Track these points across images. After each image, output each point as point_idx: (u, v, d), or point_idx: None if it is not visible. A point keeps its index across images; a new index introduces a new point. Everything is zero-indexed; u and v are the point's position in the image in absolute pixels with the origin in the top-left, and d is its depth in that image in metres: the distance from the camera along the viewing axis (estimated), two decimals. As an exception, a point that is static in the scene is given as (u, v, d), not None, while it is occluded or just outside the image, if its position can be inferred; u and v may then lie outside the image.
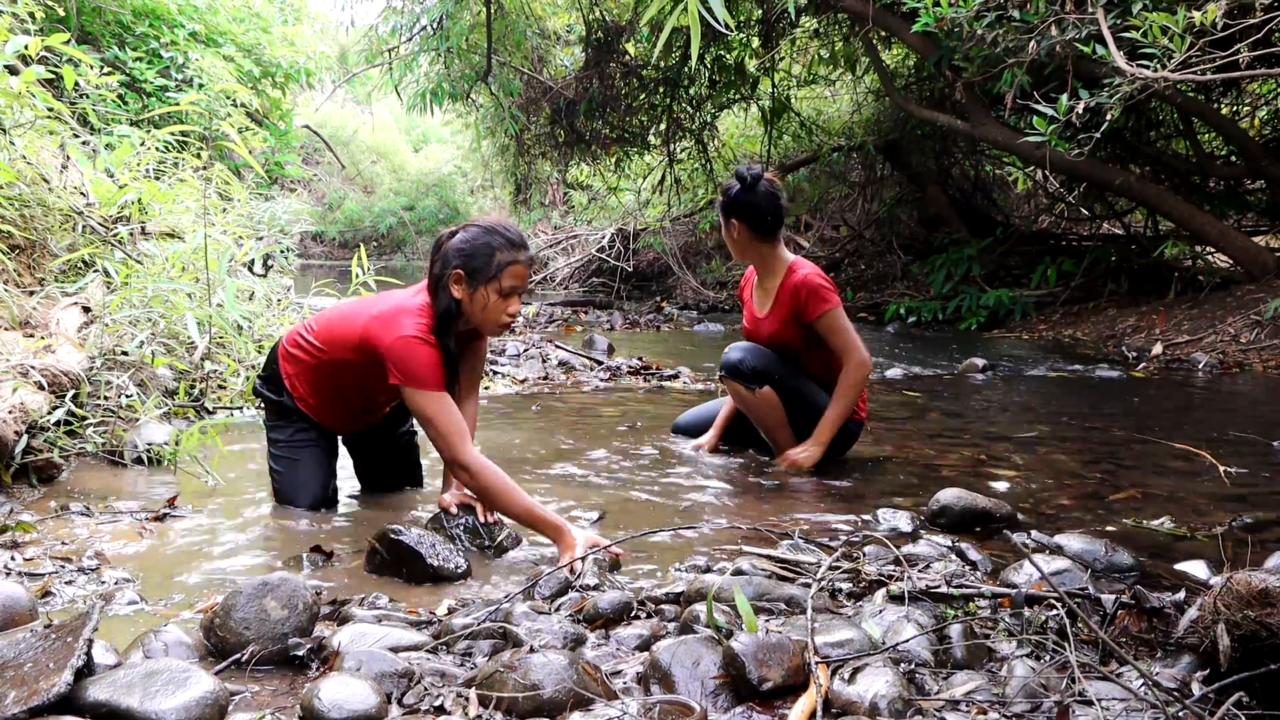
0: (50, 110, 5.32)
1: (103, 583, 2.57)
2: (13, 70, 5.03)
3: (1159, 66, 5.62)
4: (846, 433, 4.10)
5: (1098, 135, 6.18)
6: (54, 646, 1.75)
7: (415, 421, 3.45)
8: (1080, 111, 5.97)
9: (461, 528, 2.98)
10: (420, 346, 2.98)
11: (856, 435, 4.19)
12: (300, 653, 2.04)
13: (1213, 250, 9.51)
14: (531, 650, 1.90)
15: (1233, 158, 10.18)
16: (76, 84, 5.94)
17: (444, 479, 3.33)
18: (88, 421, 3.79)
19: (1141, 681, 1.76)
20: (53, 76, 5.41)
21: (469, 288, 3.04)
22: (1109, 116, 6.01)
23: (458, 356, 3.13)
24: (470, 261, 3.03)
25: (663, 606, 2.40)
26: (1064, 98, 5.99)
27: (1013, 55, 7.25)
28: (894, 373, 7.01)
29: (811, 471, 3.95)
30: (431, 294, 3.09)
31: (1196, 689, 1.80)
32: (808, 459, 3.98)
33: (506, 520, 3.06)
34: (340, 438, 3.59)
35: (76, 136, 6.11)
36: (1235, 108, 10.49)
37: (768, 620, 2.20)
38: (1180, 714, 1.59)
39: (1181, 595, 2.28)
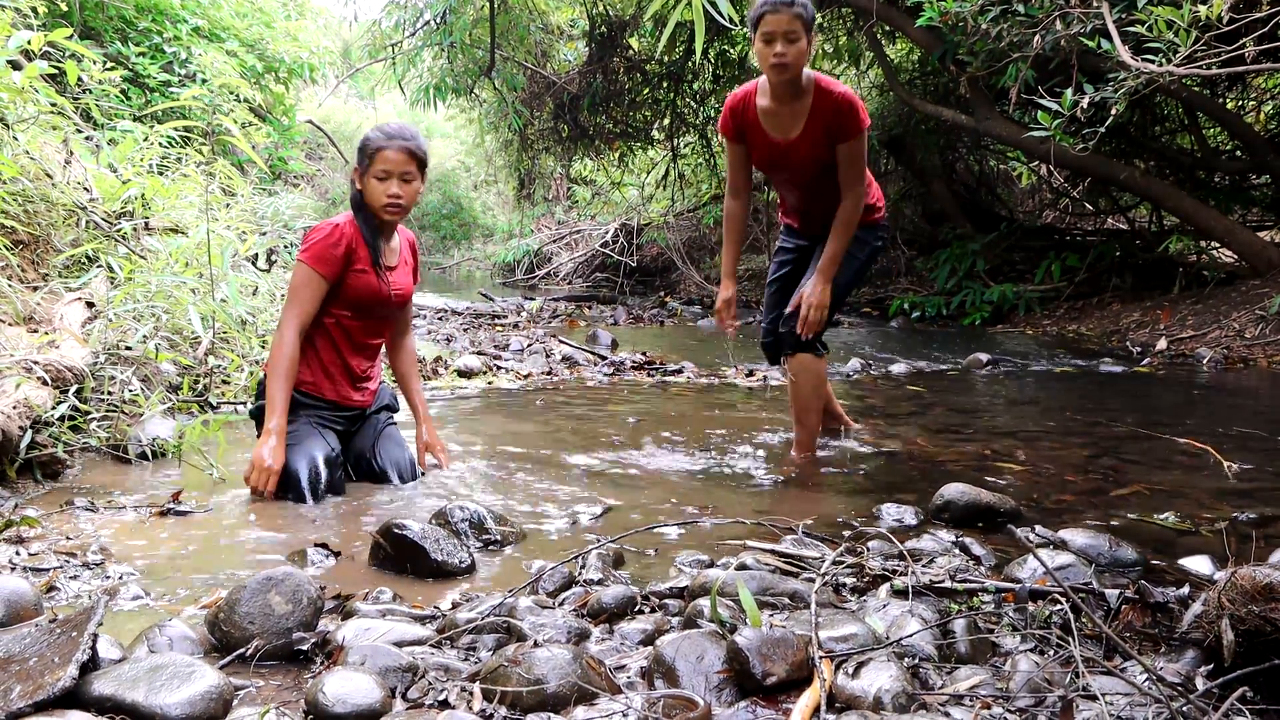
0: (53, 105, 5.32)
1: (107, 578, 2.57)
2: (15, 65, 5.03)
3: (1164, 61, 5.61)
4: (871, 249, 4.14)
5: (1102, 130, 6.17)
6: (59, 641, 1.76)
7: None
8: (1085, 106, 5.96)
9: (466, 523, 2.98)
10: (320, 227, 3.60)
11: (882, 248, 4.28)
12: (305, 647, 2.04)
13: (1218, 245, 9.50)
14: (536, 645, 1.91)
15: (1238, 152, 10.17)
16: (79, 79, 5.93)
17: (416, 427, 3.91)
18: (92, 417, 3.79)
19: (1145, 676, 1.76)
20: (56, 72, 5.41)
21: (360, 176, 3.60)
22: (1114, 111, 6.00)
23: (375, 244, 3.63)
24: (358, 155, 3.63)
25: (666, 601, 2.40)
26: (1069, 92, 5.98)
27: (1017, 50, 7.24)
28: (898, 368, 7.00)
29: (813, 467, 3.95)
30: (351, 186, 3.69)
31: (1200, 684, 1.79)
32: (820, 296, 3.94)
33: (512, 516, 3.09)
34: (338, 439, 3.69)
35: (80, 132, 6.11)
36: (1241, 102, 10.48)
37: (772, 615, 2.20)
38: (1184, 709, 1.59)
39: (1186, 590, 2.28)
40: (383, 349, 3.95)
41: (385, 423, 3.85)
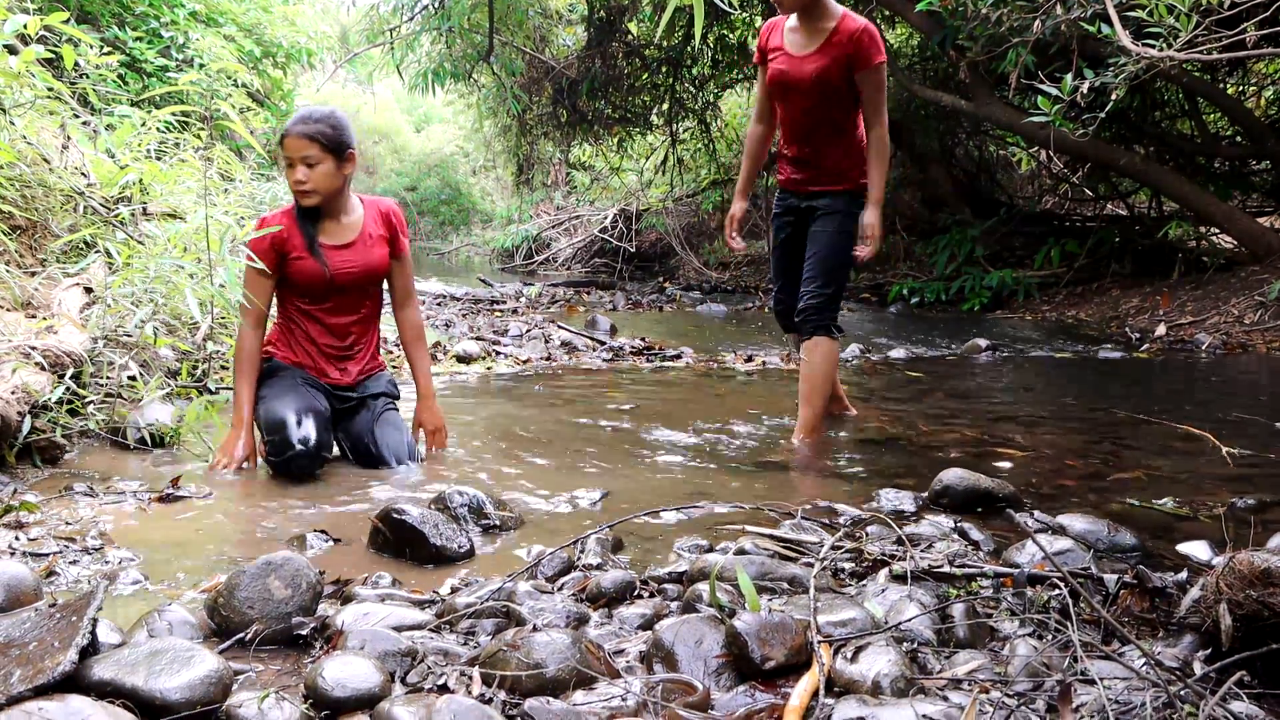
0: (50, 90, 5.29)
1: (107, 562, 2.58)
2: (12, 50, 5.00)
3: (1165, 46, 5.60)
4: (856, 218, 4.23)
5: (1102, 115, 6.15)
6: (58, 626, 1.76)
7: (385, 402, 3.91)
8: (1085, 91, 5.94)
9: (465, 507, 2.99)
10: (260, 222, 3.71)
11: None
12: (304, 632, 2.04)
13: (1217, 231, 9.48)
14: (535, 629, 1.91)
15: (1238, 138, 10.15)
16: (76, 64, 5.90)
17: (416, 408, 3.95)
18: (90, 402, 3.79)
19: (1144, 661, 1.76)
20: (52, 56, 5.38)
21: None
22: (1114, 96, 5.98)
23: (307, 229, 3.68)
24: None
25: (665, 586, 2.40)
26: (1069, 77, 5.96)
27: (1017, 34, 7.22)
28: (897, 353, 7.00)
29: (816, 452, 3.95)
30: None
31: (1198, 668, 1.80)
32: (877, 225, 4.18)
33: (511, 501, 3.09)
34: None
35: (77, 117, 6.09)
36: (1241, 88, 10.46)
37: (770, 599, 2.20)
38: (1182, 693, 1.60)
39: (1184, 575, 2.28)
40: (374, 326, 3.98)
41: (384, 408, 3.85)
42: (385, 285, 3.95)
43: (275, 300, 3.80)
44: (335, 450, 3.81)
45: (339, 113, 3.71)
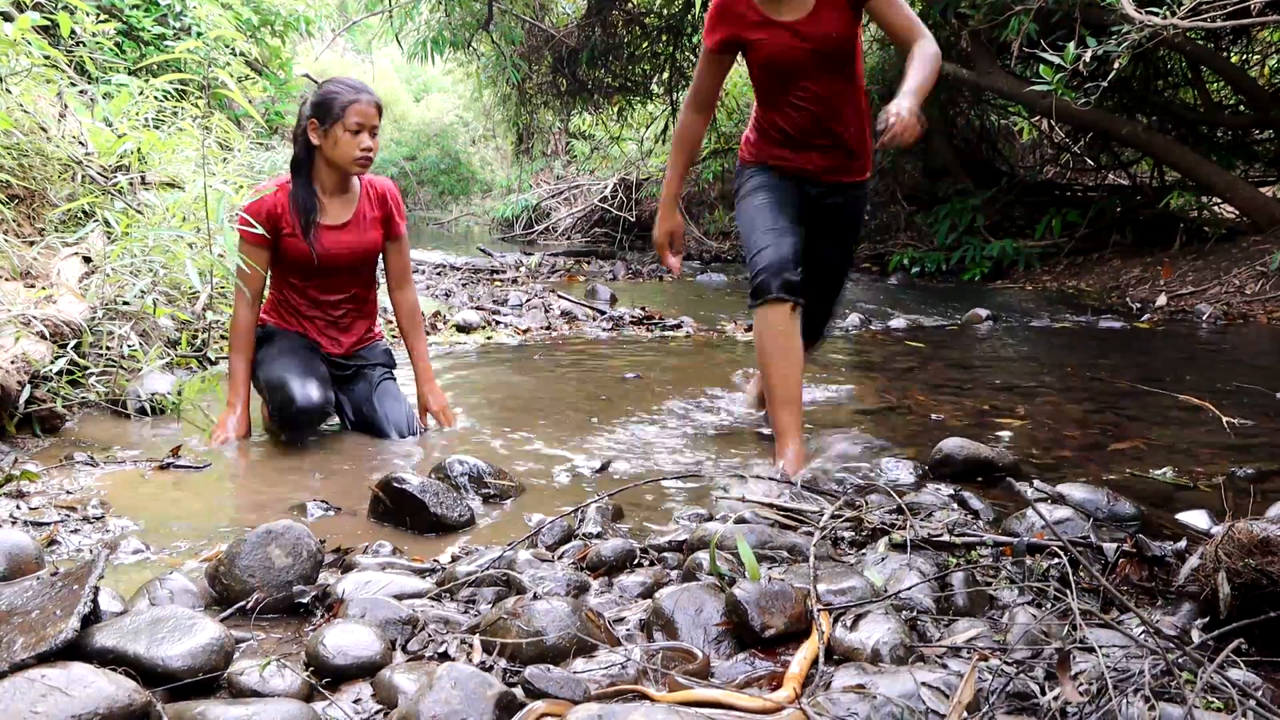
0: (46, 58, 5.26)
1: (108, 531, 2.58)
2: (7, 17, 4.98)
3: (1168, 13, 5.55)
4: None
5: (1105, 84, 6.11)
6: (60, 594, 1.76)
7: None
8: (1087, 60, 5.90)
9: (466, 476, 2.99)
10: (254, 198, 3.66)
11: None
12: (305, 600, 2.05)
13: (1219, 201, 9.45)
14: (535, 597, 1.91)
15: (1241, 107, 10.08)
16: (73, 31, 5.87)
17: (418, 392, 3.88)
18: (90, 372, 3.79)
19: (1142, 629, 1.76)
20: (48, 24, 5.35)
21: (322, 129, 3.55)
22: (1116, 65, 5.94)
23: (311, 202, 3.64)
24: (319, 109, 3.56)
25: (665, 554, 2.41)
26: (1071, 46, 5.92)
27: (1020, 2, 7.16)
28: (897, 323, 6.99)
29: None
30: (294, 144, 3.68)
31: (1196, 636, 1.80)
32: (911, 110, 2.97)
33: (511, 470, 3.10)
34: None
35: (74, 85, 6.06)
36: (1245, 56, 10.38)
37: (770, 568, 2.21)
38: (1180, 661, 1.60)
39: (1183, 544, 2.28)
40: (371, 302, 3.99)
41: (382, 377, 3.86)
42: (381, 263, 3.94)
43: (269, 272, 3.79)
44: (335, 419, 3.82)
45: None
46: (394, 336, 5.02)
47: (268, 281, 3.77)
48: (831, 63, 3.27)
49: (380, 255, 3.87)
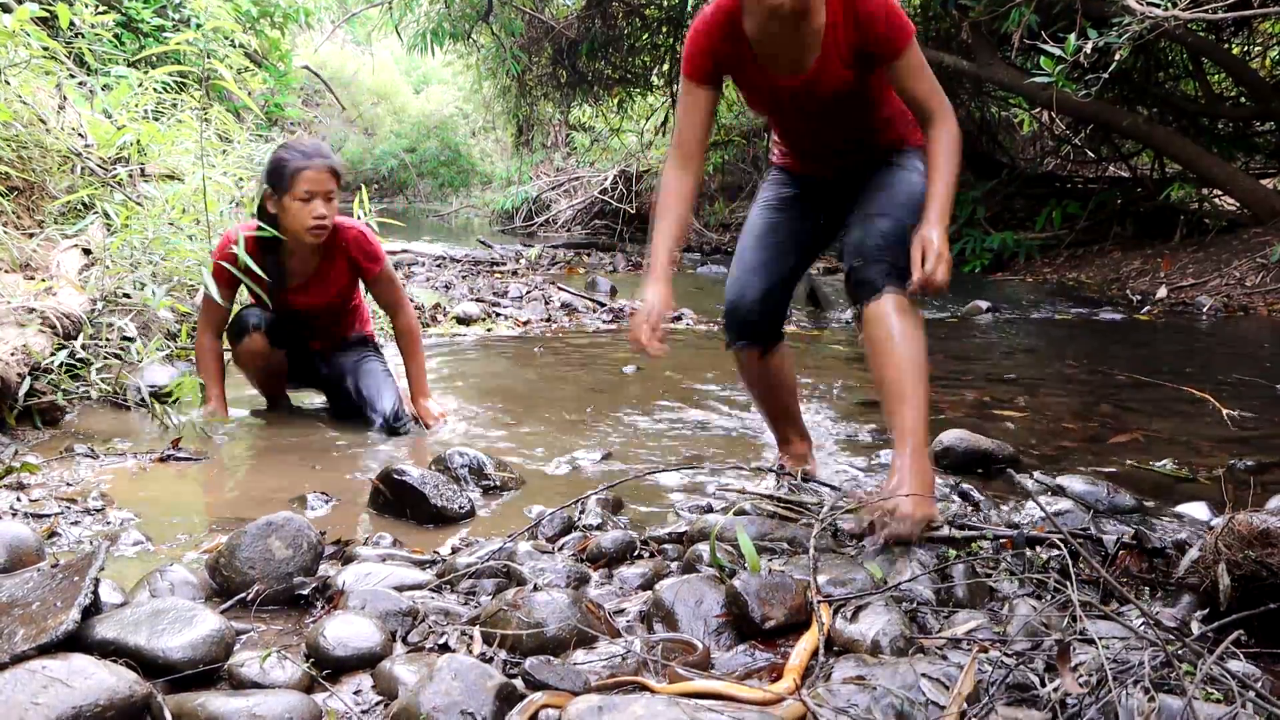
0: (45, 50, 5.25)
1: (108, 523, 2.58)
2: (6, 8, 4.97)
3: (1169, 5, 5.54)
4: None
5: (1105, 76, 6.10)
6: (61, 586, 1.76)
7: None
8: (1088, 51, 5.88)
9: (466, 468, 2.99)
10: (224, 241, 3.64)
11: None
12: (305, 592, 2.05)
13: (1219, 193, 9.43)
14: (535, 589, 1.92)
15: (1242, 99, 10.07)
16: (72, 23, 5.85)
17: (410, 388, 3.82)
18: (91, 364, 3.79)
19: (1142, 620, 1.77)
20: (47, 15, 5.34)
21: (275, 198, 3.51)
22: (1117, 57, 5.93)
23: (280, 269, 3.63)
24: (271, 176, 3.51)
25: (665, 546, 2.41)
26: (1072, 37, 5.90)
27: (1021, -7, 7.14)
28: (897, 316, 6.98)
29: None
30: (258, 214, 3.63)
31: (1196, 628, 1.80)
32: (942, 255, 2.44)
33: (511, 462, 3.10)
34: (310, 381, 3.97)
35: (73, 77, 6.04)
36: (1246, 48, 10.36)
37: (770, 560, 2.21)
38: (1180, 652, 1.60)
39: (1183, 536, 2.29)
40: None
41: (363, 355, 3.87)
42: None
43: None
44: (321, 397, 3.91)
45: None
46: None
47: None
48: (843, 109, 2.69)
49: (354, 292, 3.89)
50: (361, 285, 3.88)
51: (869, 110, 2.75)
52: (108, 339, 3.96)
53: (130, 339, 4.00)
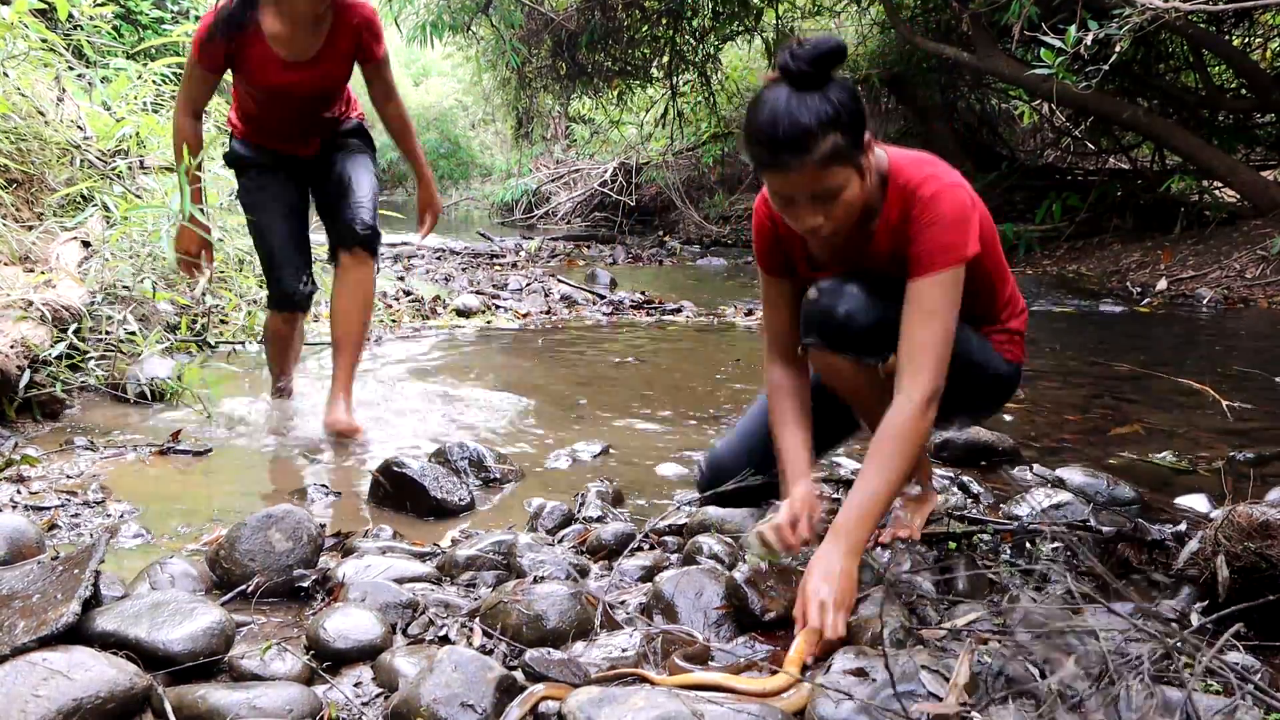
0: (44, 42, 5.24)
1: (108, 516, 2.58)
2: (4, 0, 4.96)
3: (1170, -4, 5.53)
4: (1000, 386, 2.37)
5: (1106, 68, 6.08)
6: (61, 578, 1.76)
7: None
8: (1089, 43, 5.87)
9: (466, 460, 2.99)
10: (207, 15, 3.22)
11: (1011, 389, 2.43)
12: (305, 584, 2.05)
13: (1220, 185, 9.42)
14: (535, 581, 1.92)
15: (1242, 91, 10.05)
16: (70, 15, 5.85)
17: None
18: (90, 356, 3.78)
19: (1141, 612, 1.77)
20: (45, 7, 5.33)
21: None
22: (1118, 48, 5.91)
23: (240, 21, 3.17)
24: None
25: (665, 538, 2.41)
26: (1072, 29, 5.89)
27: (1021, -15, 7.12)
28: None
29: None
30: None
31: (1195, 620, 1.81)
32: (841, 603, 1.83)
33: (511, 454, 3.10)
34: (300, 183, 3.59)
35: (71, 69, 6.03)
36: (1247, 39, 10.34)
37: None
38: (1179, 644, 1.60)
39: (1182, 528, 2.29)
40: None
41: (359, 149, 3.59)
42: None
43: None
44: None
45: None
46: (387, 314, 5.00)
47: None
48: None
49: (346, 80, 3.51)
50: None
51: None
52: (107, 331, 3.95)
53: (131, 332, 4.00)
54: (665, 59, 13.05)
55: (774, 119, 1.87)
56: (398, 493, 2.73)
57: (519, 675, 1.63)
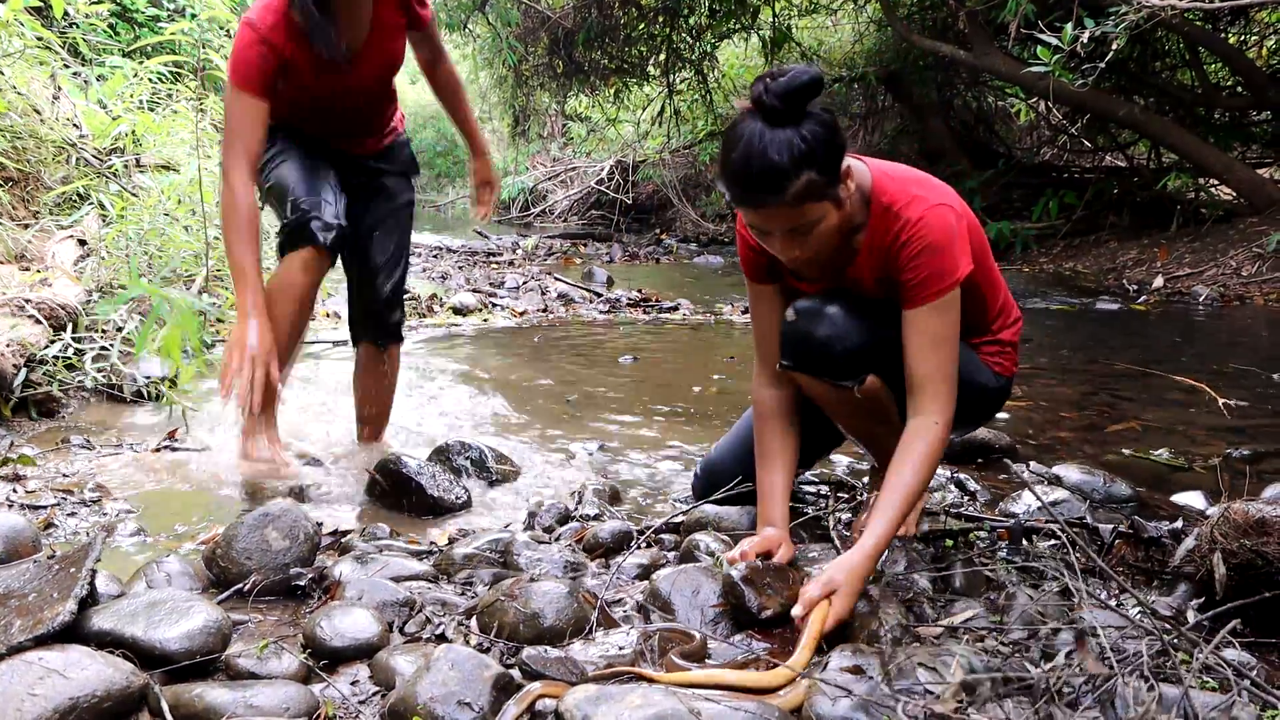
0: (40, 40, 5.23)
1: (104, 515, 2.58)
2: (1, -2, 4.95)
3: (1166, -6, 5.53)
4: (987, 400, 2.36)
5: (1102, 65, 6.08)
6: (57, 577, 1.76)
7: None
8: (1085, 41, 5.86)
9: (464, 458, 2.99)
10: (243, 31, 2.68)
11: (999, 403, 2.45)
12: (302, 583, 2.05)
13: (1216, 183, 9.43)
14: (532, 579, 1.92)
15: (1238, 89, 10.06)
16: (66, 13, 5.84)
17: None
18: (86, 355, 3.78)
19: (1138, 609, 1.77)
20: (41, 5, 5.32)
21: None
22: (1114, 46, 5.91)
23: (325, 32, 2.69)
24: None
25: (662, 536, 2.41)
26: (1069, 27, 5.89)
27: (1017, -18, 7.12)
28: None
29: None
30: None
31: (1192, 616, 1.81)
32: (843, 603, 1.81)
33: (509, 452, 3.10)
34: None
35: (67, 67, 6.03)
36: (1243, 37, 10.35)
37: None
38: (1176, 641, 1.61)
39: (1179, 525, 2.29)
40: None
41: (405, 202, 3.17)
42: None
43: None
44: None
45: None
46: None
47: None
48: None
49: (403, 56, 3.06)
50: None
51: None
52: (103, 330, 3.95)
53: (127, 330, 3.99)
54: (662, 57, 13.05)
55: (747, 157, 1.85)
56: (395, 491, 2.72)
57: (516, 673, 1.63)
